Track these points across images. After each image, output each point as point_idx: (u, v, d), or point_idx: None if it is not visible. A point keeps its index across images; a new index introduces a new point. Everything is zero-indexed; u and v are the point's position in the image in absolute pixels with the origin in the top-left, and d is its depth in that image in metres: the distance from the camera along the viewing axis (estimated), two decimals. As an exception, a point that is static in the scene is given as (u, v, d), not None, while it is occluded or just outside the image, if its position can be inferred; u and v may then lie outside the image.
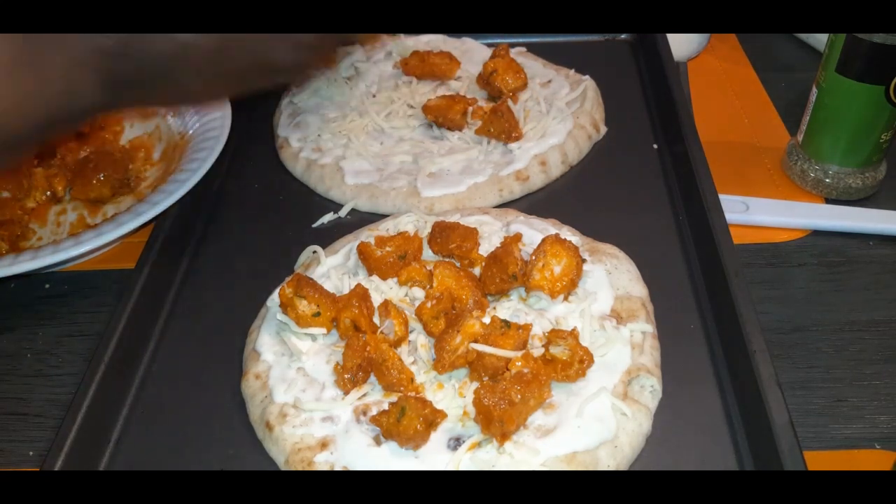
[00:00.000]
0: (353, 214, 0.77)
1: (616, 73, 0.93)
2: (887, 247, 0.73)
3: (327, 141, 0.83)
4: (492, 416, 0.51)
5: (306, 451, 0.54)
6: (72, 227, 0.79)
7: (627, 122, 0.86)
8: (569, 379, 0.55)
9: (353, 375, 0.56)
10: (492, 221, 0.70)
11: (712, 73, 0.98)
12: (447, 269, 0.61)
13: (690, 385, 0.58)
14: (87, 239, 0.68)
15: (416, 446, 0.53)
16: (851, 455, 0.56)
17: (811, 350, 0.64)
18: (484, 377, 0.56)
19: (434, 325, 0.59)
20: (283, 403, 0.57)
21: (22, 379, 0.66)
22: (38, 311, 0.72)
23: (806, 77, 0.80)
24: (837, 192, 0.77)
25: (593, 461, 0.52)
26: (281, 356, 0.60)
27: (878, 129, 0.73)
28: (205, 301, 0.69)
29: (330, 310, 0.59)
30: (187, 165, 0.75)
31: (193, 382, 0.62)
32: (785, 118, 0.89)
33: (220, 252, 0.74)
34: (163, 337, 0.66)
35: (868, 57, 0.69)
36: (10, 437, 0.61)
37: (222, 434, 0.58)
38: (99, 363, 0.58)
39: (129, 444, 0.58)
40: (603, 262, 0.65)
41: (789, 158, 0.80)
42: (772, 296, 0.68)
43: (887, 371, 0.62)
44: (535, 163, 0.78)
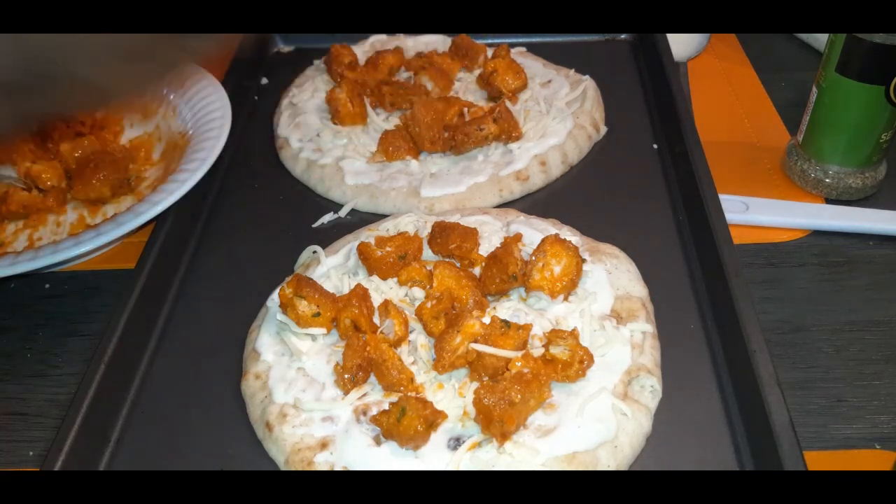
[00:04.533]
0: (353, 214, 0.77)
1: (616, 73, 0.93)
2: (887, 247, 0.73)
3: (327, 141, 0.83)
4: (492, 416, 0.51)
5: (306, 451, 0.54)
6: (72, 227, 0.79)
7: (627, 122, 0.86)
8: (569, 379, 0.55)
9: (353, 375, 0.56)
10: (492, 221, 0.70)
11: (712, 73, 0.98)
12: (447, 269, 0.61)
13: (690, 385, 0.58)
14: (87, 239, 0.68)
15: (416, 446, 0.53)
16: (851, 455, 0.56)
17: (811, 350, 0.64)
18: (484, 377, 0.56)
19: (434, 325, 0.59)
20: (283, 403, 0.57)
21: (22, 379, 0.66)
22: (38, 311, 0.72)
23: (806, 77, 0.80)
24: (837, 192, 0.77)
25: (593, 461, 0.52)
26: (281, 356, 0.60)
27: (878, 129, 0.73)
28: (205, 301, 0.69)
29: (330, 310, 0.59)
30: (187, 165, 0.75)
31: (193, 382, 0.62)
32: (785, 118, 0.89)
33: (220, 252, 0.74)
34: (163, 337, 0.66)
35: (868, 57, 0.69)
36: (10, 437, 0.61)
37: (222, 434, 0.58)
38: (99, 363, 0.58)
39: (129, 444, 0.58)
40: (603, 262, 0.65)
41: (789, 158, 0.80)
42: (772, 296, 0.68)
43: (887, 371, 0.62)
44: (535, 163, 0.78)
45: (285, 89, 0.93)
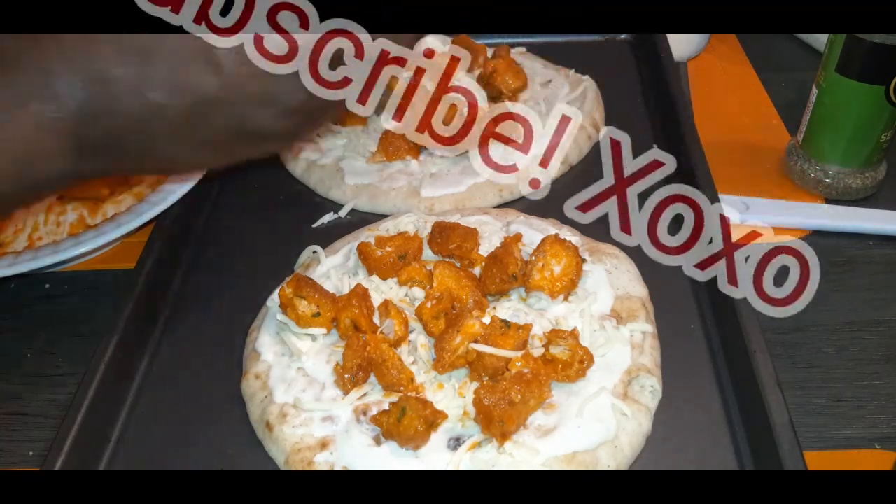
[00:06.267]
0: (353, 214, 0.77)
1: (616, 73, 0.93)
2: (887, 247, 0.72)
3: (327, 141, 0.83)
4: (492, 416, 0.51)
5: (306, 451, 0.54)
6: (72, 227, 0.79)
7: (627, 122, 0.85)
8: (569, 379, 0.55)
9: (353, 375, 0.56)
10: (492, 221, 0.70)
11: (712, 73, 0.98)
12: (447, 269, 0.61)
13: (690, 385, 0.58)
14: (87, 239, 0.68)
15: (416, 446, 0.53)
16: (851, 455, 0.56)
17: (811, 350, 0.64)
18: (484, 377, 0.56)
19: (434, 325, 0.59)
20: (283, 403, 0.57)
21: (22, 379, 0.66)
22: (38, 311, 0.72)
23: (806, 77, 0.80)
24: (837, 192, 0.77)
25: (593, 461, 0.52)
26: (281, 356, 0.60)
27: (878, 129, 0.73)
28: (205, 301, 0.69)
29: (330, 310, 0.59)
30: (187, 165, 0.75)
31: (193, 383, 0.62)
32: (785, 118, 0.89)
33: (220, 252, 0.74)
34: (163, 337, 0.66)
35: (868, 57, 0.69)
36: (10, 437, 0.61)
37: (222, 434, 0.58)
38: (99, 363, 0.58)
39: (129, 444, 0.58)
40: (603, 262, 0.65)
41: (789, 158, 0.80)
42: (772, 296, 0.68)
43: (887, 371, 0.62)
44: (536, 163, 0.78)
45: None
